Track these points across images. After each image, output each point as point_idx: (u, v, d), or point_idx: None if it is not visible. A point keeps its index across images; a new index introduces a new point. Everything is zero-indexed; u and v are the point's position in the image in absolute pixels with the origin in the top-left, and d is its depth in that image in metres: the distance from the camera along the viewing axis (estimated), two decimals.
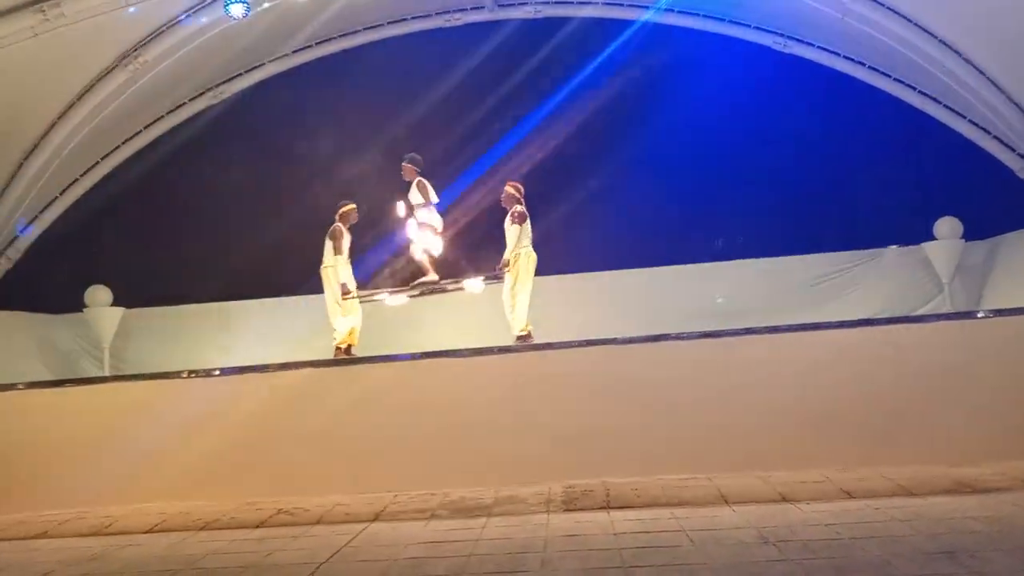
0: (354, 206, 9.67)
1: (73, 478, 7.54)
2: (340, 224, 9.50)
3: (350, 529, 6.10)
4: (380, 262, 10.47)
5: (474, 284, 9.76)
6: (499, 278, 9.46)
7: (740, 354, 7.37)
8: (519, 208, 9.39)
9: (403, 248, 9.80)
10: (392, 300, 9.97)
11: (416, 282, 9.71)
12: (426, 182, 9.61)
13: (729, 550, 4.92)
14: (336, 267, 9.36)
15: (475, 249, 10.25)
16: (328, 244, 9.46)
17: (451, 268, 9.97)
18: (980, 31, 10.57)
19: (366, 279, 10.01)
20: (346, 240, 9.49)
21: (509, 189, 9.56)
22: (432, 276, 9.63)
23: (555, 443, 7.22)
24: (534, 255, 9.35)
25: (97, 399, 7.96)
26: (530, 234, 9.38)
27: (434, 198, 9.64)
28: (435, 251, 9.63)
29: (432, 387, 7.59)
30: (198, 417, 7.58)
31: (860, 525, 5.27)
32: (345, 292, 9.33)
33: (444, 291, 9.88)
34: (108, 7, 9.95)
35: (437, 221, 9.65)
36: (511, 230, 9.32)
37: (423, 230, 9.53)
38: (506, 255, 9.30)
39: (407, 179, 9.62)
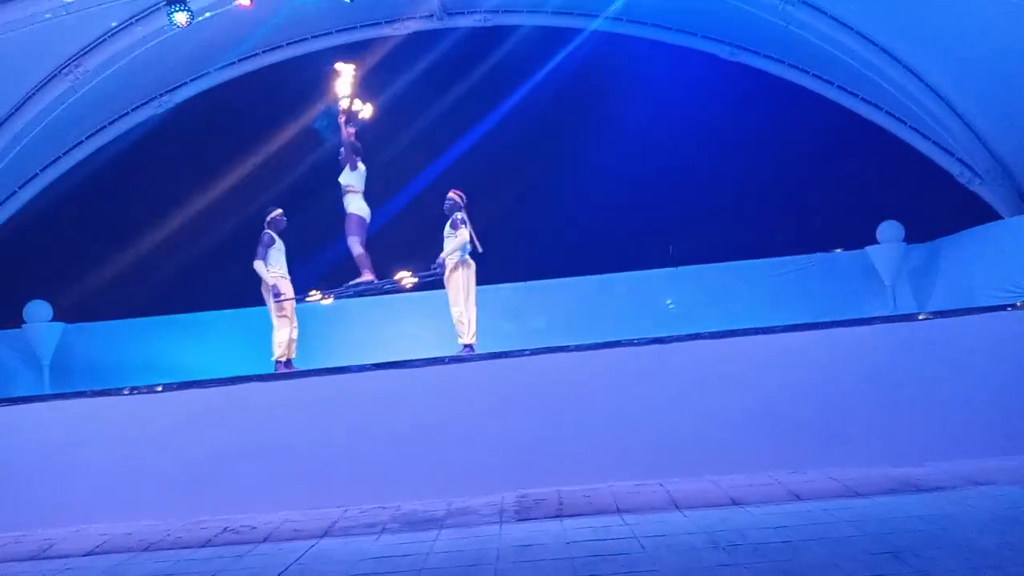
0: (281, 211, 9.53)
1: (10, 500, 7.34)
2: (269, 231, 9.36)
3: (299, 546, 6.00)
4: (318, 263, 10.39)
5: (408, 280, 9.68)
6: (434, 276, 9.35)
7: (689, 359, 7.42)
8: (459, 215, 9.27)
9: (342, 248, 9.70)
10: (326, 301, 9.85)
11: (350, 283, 9.59)
12: (360, 168, 9.57)
13: (680, 556, 4.94)
14: (266, 275, 9.16)
15: (416, 253, 10.15)
16: (258, 252, 9.29)
17: (388, 269, 9.87)
18: (921, 40, 10.81)
19: (305, 281, 9.84)
20: (277, 246, 9.33)
21: (453, 196, 9.42)
22: (367, 277, 9.53)
23: (508, 452, 7.22)
24: (472, 264, 9.23)
25: (37, 417, 7.71)
26: (467, 243, 9.21)
27: (359, 184, 9.57)
28: (357, 246, 9.50)
29: (381, 399, 7.50)
30: (141, 435, 7.43)
31: (808, 527, 5.34)
32: (276, 295, 9.16)
33: (381, 292, 9.82)
34: (47, 16, 9.70)
35: (365, 210, 9.57)
36: (451, 236, 9.17)
37: (350, 218, 9.48)
38: (442, 256, 9.17)
39: (343, 164, 9.61)
